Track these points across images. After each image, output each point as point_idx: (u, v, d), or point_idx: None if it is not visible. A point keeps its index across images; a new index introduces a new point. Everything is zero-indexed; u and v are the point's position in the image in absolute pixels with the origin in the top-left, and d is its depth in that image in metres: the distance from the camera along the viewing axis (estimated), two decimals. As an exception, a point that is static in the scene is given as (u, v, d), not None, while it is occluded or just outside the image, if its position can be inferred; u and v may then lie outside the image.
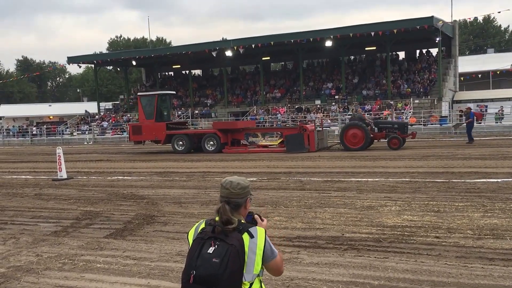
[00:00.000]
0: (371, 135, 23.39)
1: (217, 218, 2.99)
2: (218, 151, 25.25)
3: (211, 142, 25.70)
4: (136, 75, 76.27)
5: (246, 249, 2.89)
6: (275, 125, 36.37)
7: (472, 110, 25.70)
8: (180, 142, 26.57)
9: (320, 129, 25.25)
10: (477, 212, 9.12)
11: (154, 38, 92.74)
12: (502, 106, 36.05)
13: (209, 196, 12.19)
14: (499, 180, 12.65)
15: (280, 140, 24.86)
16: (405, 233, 7.91)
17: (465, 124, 25.50)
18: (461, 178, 13.33)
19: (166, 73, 56.87)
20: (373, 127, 23.86)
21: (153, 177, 16.79)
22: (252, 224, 3.03)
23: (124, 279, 6.45)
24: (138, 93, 30.38)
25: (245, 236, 2.91)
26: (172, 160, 22.67)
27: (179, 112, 46.13)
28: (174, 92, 34.70)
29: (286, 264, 6.59)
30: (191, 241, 3.01)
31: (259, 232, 2.99)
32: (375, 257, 6.79)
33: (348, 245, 7.41)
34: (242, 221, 3.03)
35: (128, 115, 48.47)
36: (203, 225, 3.04)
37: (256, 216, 3.18)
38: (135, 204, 11.68)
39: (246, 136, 25.76)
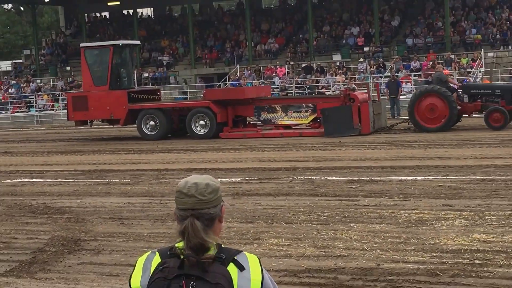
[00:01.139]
0: (459, 107, 22.97)
1: (179, 244, 2.85)
2: (212, 136, 24.80)
3: (202, 122, 25.22)
4: (51, 18, 75.68)
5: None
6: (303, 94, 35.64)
7: None
8: (152, 122, 25.99)
9: (377, 100, 24.88)
10: None
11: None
12: None
13: (166, 208, 12.13)
14: None
15: (313, 117, 24.51)
16: (476, 261, 7.92)
17: None
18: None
19: (97, 14, 56.48)
20: (462, 94, 23.65)
21: (78, 178, 16.71)
22: (237, 250, 2.91)
23: None
24: (82, 44, 29.76)
25: (232, 269, 2.78)
26: (109, 152, 22.59)
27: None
28: (138, 42, 34.35)
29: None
30: None
31: (251, 262, 2.86)
32: (429, 300, 6.79)
33: (387, 281, 7.40)
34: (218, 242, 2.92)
35: (38, 81, 48.15)
36: (157, 259, 2.88)
37: None
38: (50, 221, 11.59)
39: (258, 111, 25.38)
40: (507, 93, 22.86)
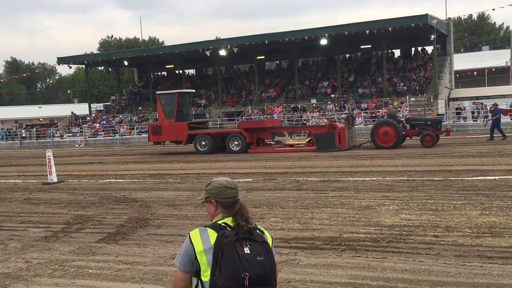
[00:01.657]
0: (403, 133, 22.99)
1: (227, 220, 2.89)
2: (243, 151, 24.58)
3: (236, 142, 25.05)
4: (128, 75, 76.04)
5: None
6: (300, 124, 35.44)
7: (498, 106, 25.39)
8: (203, 143, 25.84)
9: (350, 127, 24.68)
10: (475, 210, 9.12)
11: (146, 38, 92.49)
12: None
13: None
14: (496, 177, 12.67)
15: (308, 139, 24.42)
16: (403, 232, 7.90)
17: (491, 121, 25.10)
18: (459, 176, 13.34)
19: (159, 73, 56.71)
20: (405, 124, 23.53)
21: (146, 179, 16.71)
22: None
23: (117, 284, 6.39)
24: (157, 92, 29.62)
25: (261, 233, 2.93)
26: (166, 162, 22.61)
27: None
28: (194, 91, 34.16)
29: (283, 266, 6.55)
30: (201, 254, 2.82)
31: (262, 228, 3.01)
32: (373, 257, 6.77)
33: (346, 245, 7.38)
34: None
35: (120, 116, 48.34)
36: (212, 232, 2.85)
37: None
38: (128, 207, 11.60)
39: (272, 136, 25.22)
40: (434, 123, 23.09)
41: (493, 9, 50.47)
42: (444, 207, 9.54)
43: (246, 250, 2.73)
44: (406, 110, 36.21)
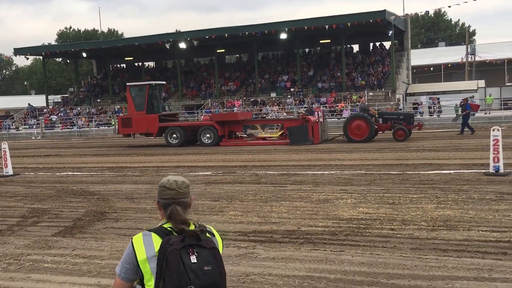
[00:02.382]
0: (376, 127, 22.98)
1: (167, 225, 2.70)
2: (215, 144, 24.29)
3: (208, 135, 24.70)
4: (87, 67, 74.54)
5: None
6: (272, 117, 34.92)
7: (468, 102, 25.74)
8: (174, 135, 25.47)
9: (322, 120, 24.50)
10: (430, 203, 9.29)
11: (105, 30, 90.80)
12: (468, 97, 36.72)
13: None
14: (451, 171, 12.96)
15: (281, 132, 24.22)
16: (361, 225, 7.97)
17: (461, 116, 25.34)
18: (415, 170, 13.59)
19: (118, 65, 55.79)
20: (378, 118, 23.54)
21: (105, 172, 16.41)
22: (202, 224, 2.79)
23: (73, 279, 6.26)
24: (128, 83, 28.85)
25: (209, 236, 2.72)
26: (125, 155, 22.26)
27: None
28: (164, 83, 33.33)
29: (241, 259, 6.51)
30: (143, 263, 2.62)
31: (213, 230, 2.83)
32: (331, 250, 6.80)
33: (304, 239, 7.40)
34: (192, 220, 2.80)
35: (78, 108, 47.36)
36: (157, 238, 2.65)
37: None
38: (85, 200, 11.37)
39: (245, 128, 24.95)
40: (407, 118, 23.25)
41: (449, 6, 51.31)
42: (400, 200, 9.68)
43: (193, 259, 2.54)
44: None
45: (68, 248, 7.57)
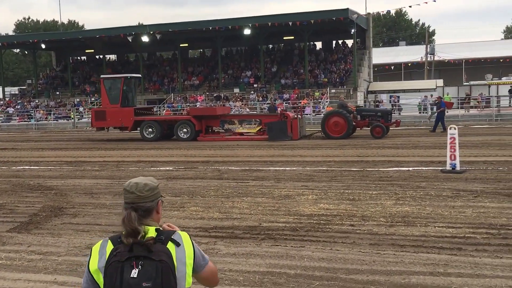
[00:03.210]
0: (354, 123, 22.83)
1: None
2: (192, 139, 23.84)
3: (185, 130, 24.23)
4: (46, 59, 72.79)
5: (175, 261, 2.42)
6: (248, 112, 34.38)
7: (442, 100, 25.96)
8: (150, 129, 24.88)
9: (300, 116, 24.28)
10: (389, 200, 9.45)
11: (65, 21, 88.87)
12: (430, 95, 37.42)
13: (122, 186, 11.79)
14: (410, 168, 13.21)
15: (259, 128, 23.94)
16: (321, 221, 8.05)
17: (436, 114, 25.57)
18: (375, 166, 13.79)
19: (78, 58, 54.70)
20: (356, 115, 23.43)
21: (63, 166, 16.07)
22: (172, 231, 2.54)
23: (29, 276, 6.12)
24: (102, 76, 28.10)
25: (171, 246, 2.44)
26: (84, 149, 21.87)
27: (92, 99, 44.56)
28: (140, 76, 32.45)
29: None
30: (96, 273, 2.44)
31: (184, 238, 2.52)
32: (291, 246, 6.84)
33: (265, 234, 7.42)
34: (157, 227, 2.54)
35: (37, 101, 46.23)
36: (110, 246, 2.45)
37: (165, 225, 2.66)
38: (42, 195, 11.12)
39: (222, 123, 24.61)
40: (385, 115, 23.22)
41: (410, 6, 52.30)
42: (360, 197, 9.82)
43: (133, 273, 2.31)
44: (326, 102, 37.05)
45: (23, 244, 7.40)
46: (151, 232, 2.46)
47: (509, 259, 6.09)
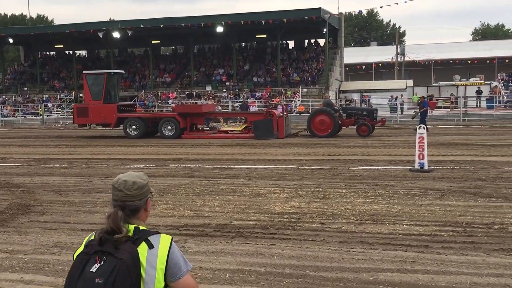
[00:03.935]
0: (340, 122, 22.83)
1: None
2: (177, 137, 23.61)
3: (169, 127, 23.92)
4: (14, 53, 71.39)
5: (144, 263, 2.37)
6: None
7: (425, 99, 26.14)
8: (134, 126, 24.49)
9: (285, 115, 24.21)
10: (359, 198, 9.56)
11: (34, 15, 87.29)
12: (397, 96, 37.89)
13: (92, 184, 11.70)
14: (379, 167, 13.39)
15: (244, 126, 23.81)
16: (292, 219, 8.10)
17: (419, 113, 25.71)
18: (346, 165, 13.93)
19: (47, 53, 53.77)
20: (342, 113, 23.40)
21: (31, 163, 15.80)
22: (155, 231, 2.50)
23: (-6, 275, 5.99)
24: (84, 71, 27.61)
25: (142, 247, 2.39)
26: (53, 146, 21.52)
27: (62, 95, 43.89)
28: (123, 72, 31.94)
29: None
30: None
31: (162, 241, 2.45)
32: (262, 244, 6.87)
33: (236, 232, 7.43)
34: (142, 227, 2.49)
35: (4, 97, 45.28)
36: (91, 237, 2.49)
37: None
38: (9, 192, 10.91)
39: (207, 121, 24.35)
40: (370, 114, 23.23)
41: (381, 7, 53.17)
42: (331, 195, 9.91)
43: (94, 268, 2.32)
44: (298, 101, 37.24)
45: (-11, 242, 7.24)
46: (131, 230, 2.44)
47: (474, 256, 6.23)
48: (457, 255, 6.27)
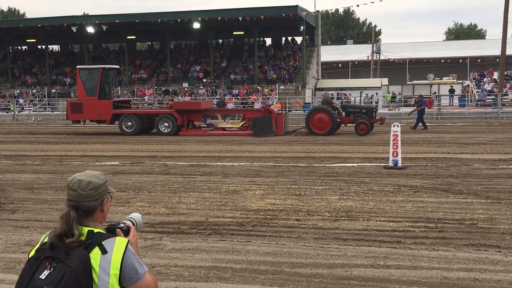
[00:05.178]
0: (338, 120, 22.68)
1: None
2: (174, 134, 23.27)
3: (166, 124, 23.58)
4: (-16, 48, 69.99)
5: (97, 268, 2.28)
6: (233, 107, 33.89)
7: (423, 98, 26.09)
8: (129, 123, 24.09)
9: (284, 112, 24.04)
10: (334, 195, 9.67)
11: (5, 9, 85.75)
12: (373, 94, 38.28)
13: (65, 181, 11.50)
14: (354, 164, 13.54)
15: (242, 123, 23.59)
16: (268, 216, 8.16)
17: (416, 111, 25.59)
18: (321, 162, 14.06)
19: (19, 47, 52.83)
20: (341, 111, 23.29)
21: (2, 160, 15.57)
22: (110, 235, 2.40)
23: (-36, 274, 5.91)
24: (78, 66, 26.95)
25: (95, 253, 2.29)
26: (25, 142, 21.22)
27: (34, 90, 43.24)
28: (118, 67, 31.29)
29: (147, 251, 6.45)
30: None
31: (117, 245, 2.34)
32: (238, 241, 6.92)
33: (212, 229, 7.46)
34: (97, 230, 2.38)
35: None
36: (45, 239, 2.36)
37: (118, 230, 2.49)
38: (-20, 190, 10.74)
39: (204, 118, 24.10)
40: (369, 112, 23.12)
41: (357, 5, 53.75)
42: (306, 192, 10.00)
43: (43, 275, 2.23)
44: (275, 98, 37.33)
45: (-41, 240, 7.14)
46: (84, 234, 2.33)
47: (445, 251, 6.37)
48: (429, 250, 6.40)
